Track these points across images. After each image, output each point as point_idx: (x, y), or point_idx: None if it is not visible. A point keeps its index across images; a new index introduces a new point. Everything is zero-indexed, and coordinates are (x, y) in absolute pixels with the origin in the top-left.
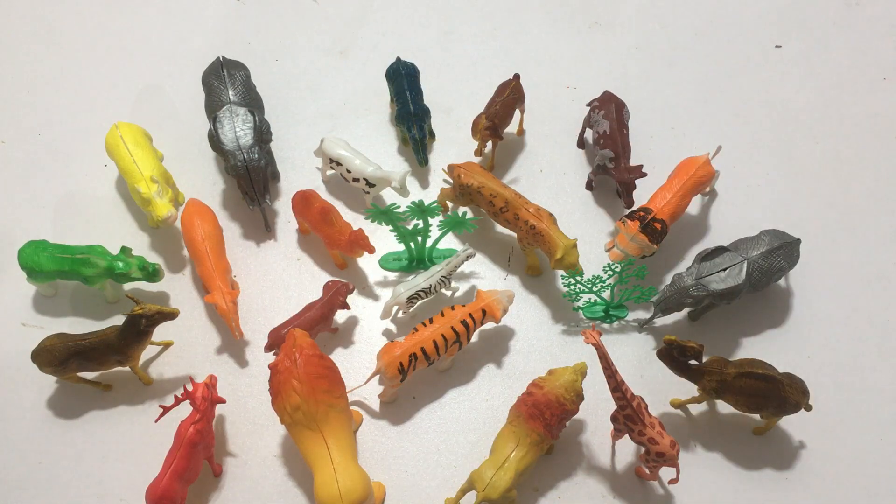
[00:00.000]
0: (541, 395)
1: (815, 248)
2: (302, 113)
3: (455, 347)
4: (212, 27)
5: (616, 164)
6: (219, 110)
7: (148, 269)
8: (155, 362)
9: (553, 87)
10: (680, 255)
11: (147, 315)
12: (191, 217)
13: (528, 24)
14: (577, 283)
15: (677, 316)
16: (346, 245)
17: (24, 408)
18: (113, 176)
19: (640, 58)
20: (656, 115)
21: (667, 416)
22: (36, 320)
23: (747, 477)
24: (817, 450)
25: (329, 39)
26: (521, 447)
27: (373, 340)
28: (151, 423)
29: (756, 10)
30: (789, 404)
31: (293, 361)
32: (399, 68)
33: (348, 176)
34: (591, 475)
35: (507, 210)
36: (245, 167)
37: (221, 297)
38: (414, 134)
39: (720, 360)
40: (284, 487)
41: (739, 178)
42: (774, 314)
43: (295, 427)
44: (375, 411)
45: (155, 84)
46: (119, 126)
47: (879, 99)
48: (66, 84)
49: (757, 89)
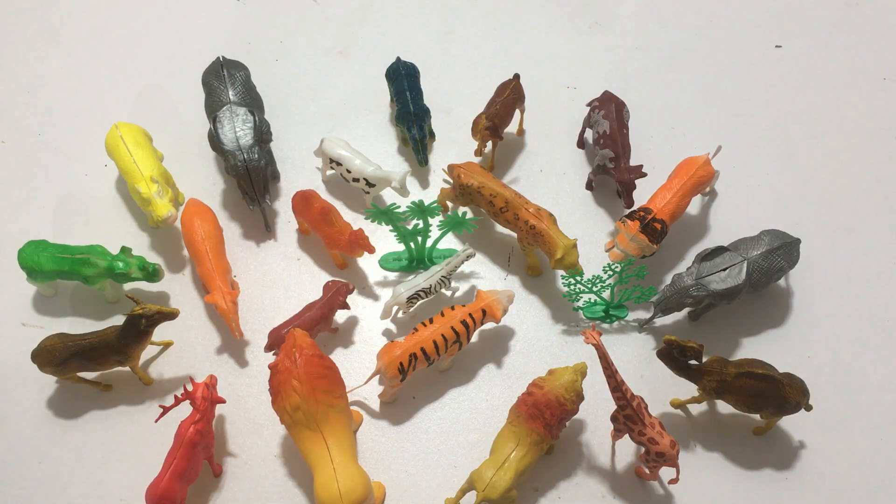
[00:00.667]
0: (541, 395)
1: (815, 248)
2: (302, 113)
3: (455, 347)
4: (212, 27)
5: (616, 164)
6: (219, 110)
7: (148, 269)
8: (155, 362)
9: (553, 87)
10: (680, 255)
11: (147, 315)
12: (191, 217)
13: (528, 24)
14: (577, 283)
15: (677, 316)
16: (346, 245)
17: (24, 408)
18: (113, 176)
19: (640, 58)
20: (656, 115)
21: (667, 416)
22: (36, 320)
23: (747, 477)
24: (817, 450)
25: (329, 39)
26: (521, 447)
27: (373, 340)
28: (151, 423)
29: (756, 10)
30: (789, 404)
31: (293, 361)
32: (399, 68)
33: (348, 176)
34: (591, 475)
35: (507, 210)
36: (245, 167)
37: (221, 297)
38: (414, 134)
39: (720, 360)
40: (284, 487)
41: (739, 178)
42: (774, 314)
43: (295, 427)
44: (375, 411)
45: (155, 84)
46: (119, 126)
47: (879, 99)
48: (66, 84)
49: (757, 89)
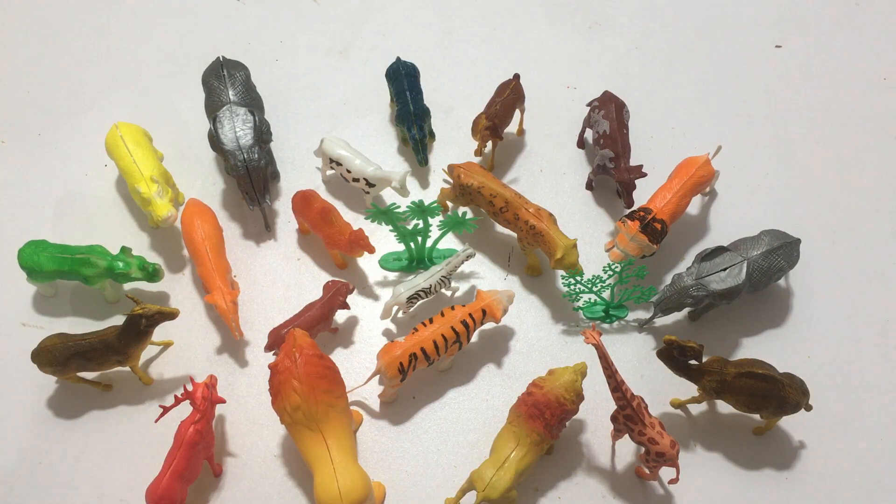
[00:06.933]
0: (541, 395)
1: (815, 248)
2: (302, 113)
3: (455, 347)
4: (212, 27)
5: (616, 164)
6: (219, 110)
7: (148, 269)
8: (155, 362)
9: (553, 87)
10: (680, 255)
11: (147, 315)
12: (191, 217)
13: (528, 25)
14: (577, 283)
15: (677, 316)
16: (346, 245)
17: (24, 408)
18: (113, 176)
19: (640, 58)
20: (656, 115)
21: (667, 416)
22: (36, 320)
23: (747, 477)
24: (817, 450)
25: (329, 39)
26: (521, 447)
27: (373, 340)
28: (151, 423)
29: (756, 10)
30: (789, 404)
31: (293, 361)
32: (399, 68)
33: (348, 176)
34: (591, 475)
35: (507, 210)
36: (245, 167)
37: (221, 297)
38: (414, 134)
39: (720, 360)
40: (284, 487)
41: (739, 178)
42: (774, 314)
43: (295, 427)
44: (375, 411)
45: (155, 84)
46: (119, 126)
47: (879, 99)
48: (66, 84)
49: (757, 89)
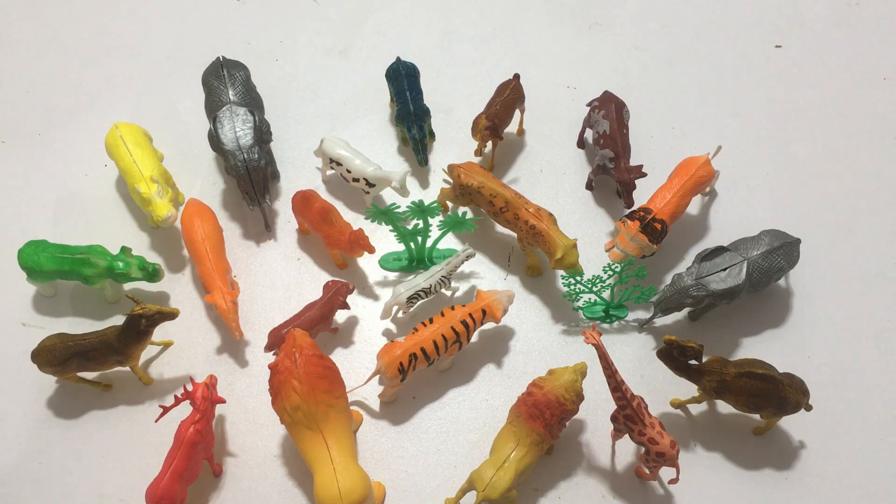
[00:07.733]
0: (541, 395)
1: (815, 248)
2: (302, 113)
3: (455, 347)
4: (212, 27)
5: (616, 164)
6: (219, 110)
7: (148, 269)
8: (155, 362)
9: (553, 87)
10: (680, 255)
11: (147, 315)
12: (191, 217)
13: (528, 25)
14: (577, 283)
15: (677, 316)
16: (346, 245)
17: (24, 408)
18: (113, 176)
19: (640, 58)
20: (656, 115)
21: (667, 416)
22: (36, 320)
23: (747, 477)
24: (817, 450)
25: (329, 39)
26: (521, 447)
27: (373, 340)
28: (151, 423)
29: (756, 10)
30: (789, 404)
31: (293, 361)
32: (399, 68)
33: (348, 176)
34: (591, 475)
35: (507, 210)
36: (245, 167)
37: (221, 297)
38: (414, 134)
39: (720, 360)
40: (284, 487)
41: (739, 178)
42: (774, 314)
43: (295, 427)
44: (375, 411)
45: (155, 84)
46: (119, 126)
47: (879, 99)
48: (66, 84)
49: (757, 89)
